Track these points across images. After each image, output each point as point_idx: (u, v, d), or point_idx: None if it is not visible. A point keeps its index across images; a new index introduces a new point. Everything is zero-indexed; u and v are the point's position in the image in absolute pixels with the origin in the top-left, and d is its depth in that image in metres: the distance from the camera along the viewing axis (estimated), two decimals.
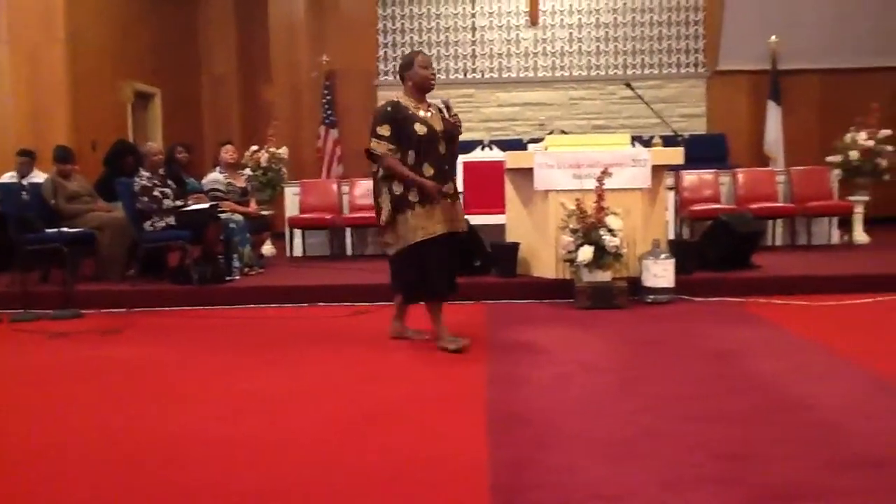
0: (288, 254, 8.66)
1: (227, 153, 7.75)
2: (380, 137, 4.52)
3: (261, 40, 11.74)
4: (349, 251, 8.89)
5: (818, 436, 2.98)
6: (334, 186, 9.16)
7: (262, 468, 2.78)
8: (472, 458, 2.82)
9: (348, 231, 8.89)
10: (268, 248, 8.68)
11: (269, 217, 8.61)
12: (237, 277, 6.91)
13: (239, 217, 7.22)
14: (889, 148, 8.62)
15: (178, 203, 6.86)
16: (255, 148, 8.94)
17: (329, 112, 11.49)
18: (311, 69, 11.65)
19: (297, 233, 8.78)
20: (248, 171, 8.65)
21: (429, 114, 4.61)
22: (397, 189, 4.50)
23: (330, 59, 11.50)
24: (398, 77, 4.75)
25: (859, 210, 8.85)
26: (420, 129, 4.51)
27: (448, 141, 4.64)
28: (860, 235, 8.86)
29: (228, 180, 7.61)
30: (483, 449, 2.89)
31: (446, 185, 4.58)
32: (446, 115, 4.64)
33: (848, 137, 8.77)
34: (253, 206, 7.87)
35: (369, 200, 8.79)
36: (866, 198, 8.89)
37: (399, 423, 3.27)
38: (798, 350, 4.44)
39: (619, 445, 2.91)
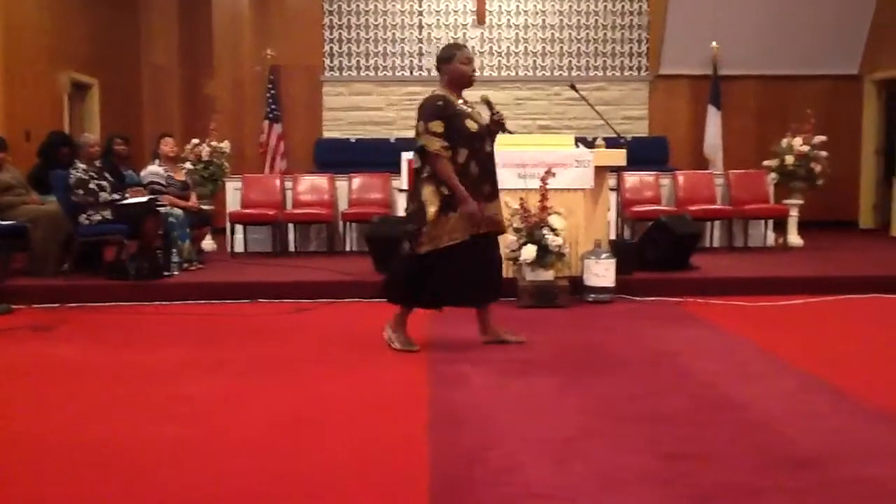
0: (229, 249, 8.52)
1: (167, 146, 7.59)
2: (433, 134, 4.27)
3: (204, 32, 11.52)
4: (292, 248, 8.79)
5: (754, 435, 3.04)
6: (277, 182, 9.04)
7: (192, 472, 2.72)
8: (411, 459, 2.81)
9: (291, 227, 8.79)
10: (208, 244, 8.53)
11: (210, 212, 8.45)
12: (176, 273, 6.77)
13: (178, 211, 7.08)
14: (823, 153, 8.87)
15: (115, 196, 6.70)
16: (196, 141, 8.77)
17: (273, 107, 11.33)
18: (255, 63, 11.48)
19: (239, 228, 8.64)
20: (188, 165, 8.49)
21: (471, 110, 4.48)
22: (445, 189, 4.27)
23: (274, 53, 11.35)
24: (436, 70, 4.53)
25: (794, 213, 9.09)
26: (471, 125, 4.36)
27: (491, 139, 4.54)
28: (794, 238, 9.09)
29: (168, 173, 7.45)
30: (423, 450, 2.88)
31: (488, 185, 4.46)
32: (490, 113, 4.51)
33: (784, 142, 8.99)
34: (193, 201, 7.72)
35: (313, 196, 8.81)
36: (801, 202, 9.12)
37: (338, 424, 3.24)
38: (734, 350, 4.53)
39: (559, 445, 2.93)
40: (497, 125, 4.50)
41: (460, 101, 4.45)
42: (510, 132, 4.68)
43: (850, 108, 11.98)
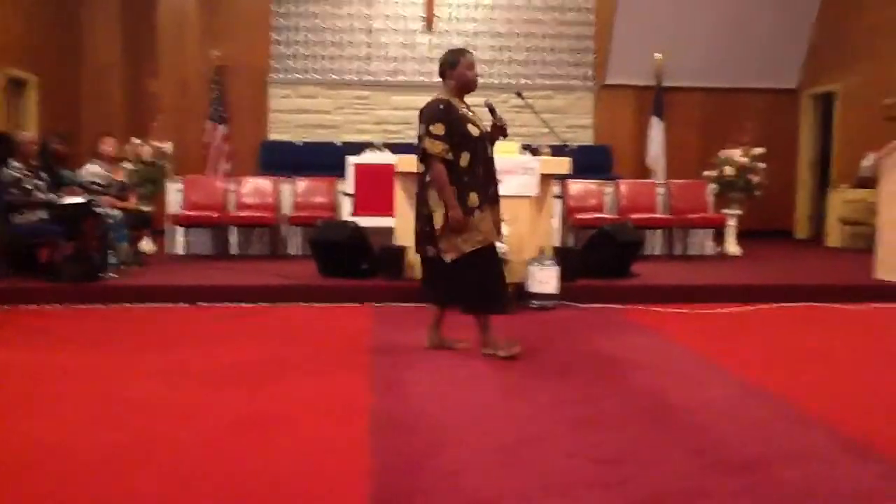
0: (169, 252, 8.37)
1: (107, 145, 7.43)
2: (435, 137, 4.27)
3: (148, 30, 11.32)
4: (234, 251, 8.67)
5: (693, 440, 3.09)
6: (221, 184, 8.92)
7: (127, 479, 2.65)
8: (353, 465, 2.78)
9: (234, 230, 8.67)
10: (147, 245, 8.37)
11: (150, 213, 8.29)
12: (113, 275, 6.62)
13: (117, 212, 6.93)
14: (761, 165, 9.10)
15: (52, 196, 6.52)
16: (137, 141, 8.61)
17: (218, 108, 11.19)
18: (201, 63, 11.32)
19: (180, 230, 8.50)
20: (128, 165, 8.32)
21: (473, 114, 4.48)
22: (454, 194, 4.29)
23: (220, 53, 11.21)
24: (439, 75, 4.53)
25: (732, 223, 9.30)
26: (473, 130, 4.37)
27: (491, 143, 4.53)
28: (733, 247, 9.30)
29: (108, 173, 7.30)
30: (365, 456, 2.85)
31: (493, 188, 4.46)
32: (492, 118, 4.52)
33: (724, 154, 9.20)
34: (133, 201, 7.57)
35: (257, 199, 8.70)
36: (739, 212, 9.34)
37: (278, 430, 3.19)
38: (674, 356, 4.60)
39: (501, 451, 2.93)
40: (499, 130, 4.54)
41: (463, 106, 4.47)
42: (506, 136, 4.71)
43: (787, 122, 12.34)
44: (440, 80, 4.63)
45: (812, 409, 3.50)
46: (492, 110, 4.57)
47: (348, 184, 8.39)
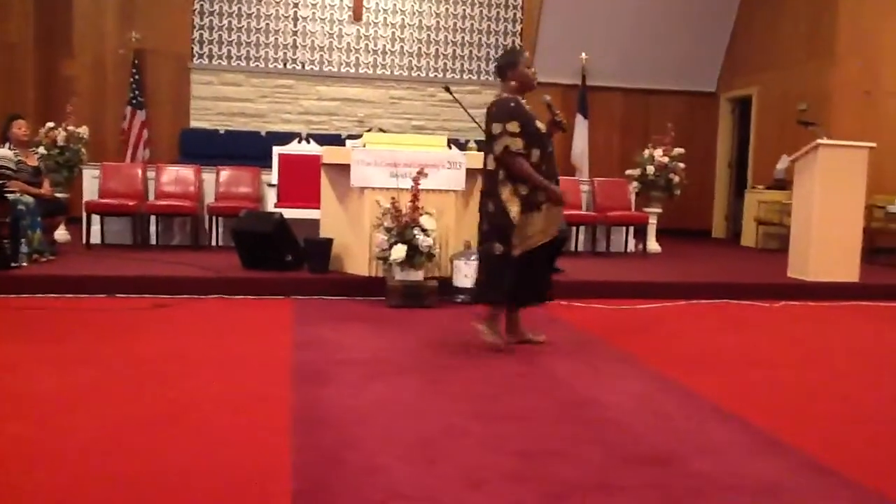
0: (84, 241, 8.08)
1: (19, 129, 7.13)
2: (512, 134, 4.35)
3: (63, 10, 10.90)
4: (153, 241, 8.44)
5: (610, 434, 3.15)
6: (139, 171, 8.65)
7: (33, 473, 2.55)
8: (273, 460, 2.74)
9: (153, 219, 8.43)
10: (61, 234, 8.07)
11: (65, 200, 8.00)
12: (24, 264, 6.36)
13: (29, 198, 6.65)
14: (681, 165, 9.33)
15: None
16: (51, 125, 8.27)
17: (137, 92, 10.87)
18: (119, 45, 10.96)
19: (96, 219, 8.22)
20: (42, 150, 8.00)
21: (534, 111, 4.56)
22: (523, 189, 4.38)
23: (140, 36, 10.87)
24: (498, 76, 4.62)
25: (653, 221, 9.52)
26: (541, 126, 4.49)
27: (550, 140, 4.59)
28: (653, 245, 9.53)
29: (19, 158, 7.00)
30: (286, 451, 2.81)
31: (555, 183, 4.54)
32: (552, 114, 4.58)
33: (646, 153, 9.40)
34: (46, 188, 7.28)
35: (178, 188, 8.47)
36: (659, 210, 9.57)
37: (195, 423, 3.12)
38: (591, 351, 4.68)
39: (420, 445, 2.93)
40: (556, 126, 4.61)
41: (527, 104, 4.54)
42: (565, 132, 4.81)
43: (706, 124, 12.71)
44: (367, 72, 4.64)
45: (724, 404, 3.60)
46: (550, 107, 4.67)
47: (274, 174, 8.26)
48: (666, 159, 9.29)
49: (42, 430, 2.98)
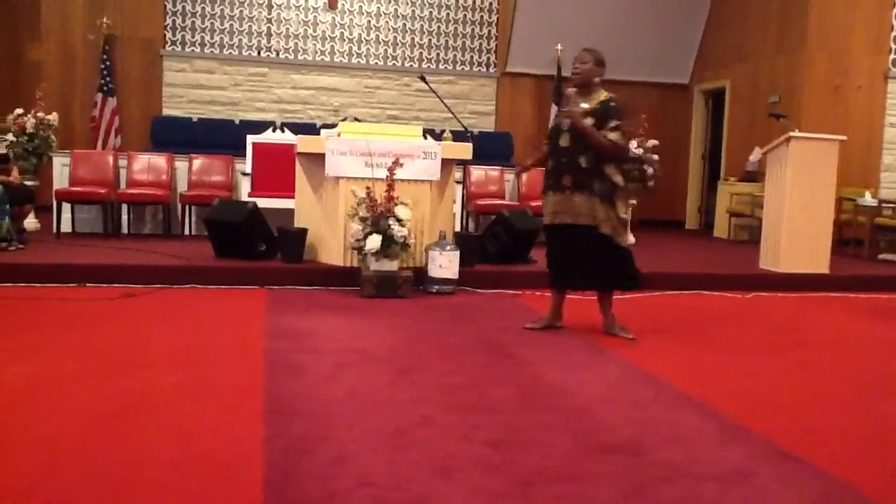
0: (55, 229, 7.97)
1: None
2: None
3: None
4: (125, 229, 8.35)
5: (579, 423, 3.18)
6: (110, 159, 8.54)
7: None
8: (245, 450, 2.73)
9: (124, 208, 8.34)
10: (31, 222, 7.95)
11: (34, 188, 7.88)
12: None
13: None
14: (655, 157, 9.37)
15: None
16: (19, 111, 8.14)
17: (107, 79, 10.72)
18: (89, 31, 10.79)
19: (66, 207, 8.10)
20: (10, 137, 7.87)
21: (573, 105, 4.76)
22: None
23: (110, 21, 10.72)
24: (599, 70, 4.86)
25: (628, 212, 9.55)
26: (557, 121, 4.92)
27: (571, 133, 4.70)
28: (628, 237, 9.55)
29: None
30: (258, 441, 2.80)
31: (559, 177, 4.75)
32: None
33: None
34: (14, 175, 7.18)
35: (150, 176, 8.37)
36: (633, 201, 9.60)
37: (165, 414, 3.09)
38: (562, 341, 4.70)
39: (391, 434, 2.94)
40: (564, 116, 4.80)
41: (573, 101, 4.80)
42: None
43: (679, 116, 12.78)
44: (342, 61, 4.76)
45: (693, 394, 3.64)
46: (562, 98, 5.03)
47: (248, 163, 8.20)
48: (640, 151, 9.32)
49: (7, 420, 2.94)
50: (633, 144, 9.31)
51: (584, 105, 4.70)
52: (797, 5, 10.42)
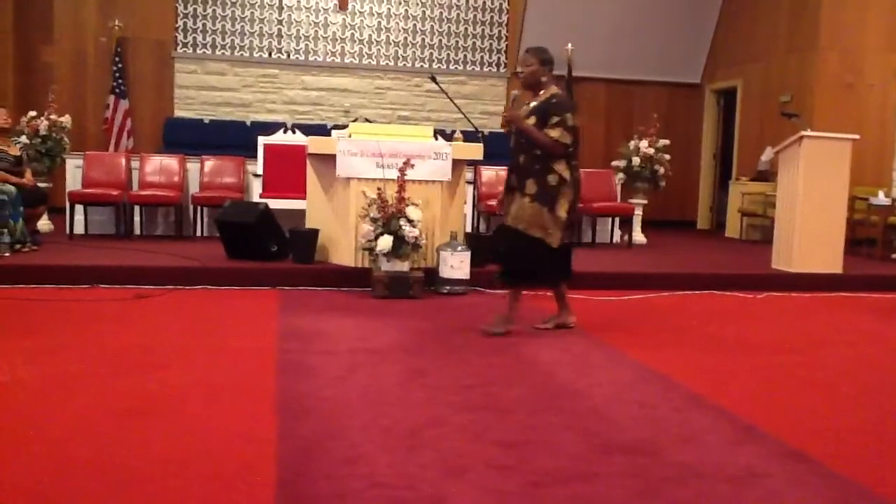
0: (68, 231, 8.02)
1: None
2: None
3: None
4: (137, 230, 8.39)
5: (591, 423, 3.17)
6: (122, 161, 8.59)
7: (8, 465, 2.54)
8: (258, 450, 2.74)
9: (137, 209, 8.38)
10: (44, 224, 8.01)
11: (47, 190, 7.93)
12: (6, 254, 6.32)
13: (10, 188, 6.60)
14: (666, 156, 9.35)
15: None
16: (33, 114, 8.20)
17: (119, 81, 10.77)
18: (100, 33, 10.85)
19: (79, 209, 8.16)
20: (23, 139, 7.93)
21: (526, 107, 4.80)
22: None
23: (122, 24, 10.77)
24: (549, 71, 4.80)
25: (639, 212, 9.54)
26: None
27: (517, 136, 4.73)
28: (638, 236, 9.55)
29: (0, 147, 6.93)
30: (271, 441, 2.81)
31: (512, 177, 4.76)
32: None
33: (631, 144, 9.41)
34: (28, 177, 7.22)
35: (162, 177, 8.41)
36: (645, 201, 9.60)
37: (179, 414, 3.11)
38: (574, 342, 4.69)
39: (403, 435, 2.94)
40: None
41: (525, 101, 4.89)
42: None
43: (691, 115, 12.73)
44: (352, 62, 4.82)
45: (705, 394, 3.63)
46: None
47: (259, 164, 8.22)
48: (651, 150, 9.31)
49: (21, 422, 2.96)
50: (644, 144, 9.30)
51: (534, 103, 4.74)
52: (809, 3, 10.37)
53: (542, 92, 4.76)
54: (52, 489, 2.39)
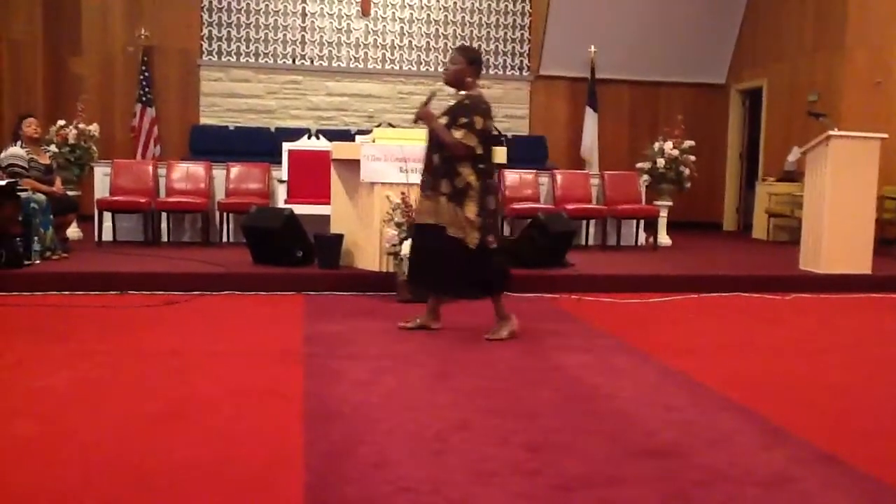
0: (96, 238, 8.13)
1: (30, 127, 7.16)
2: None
3: (70, 5, 10.90)
4: (165, 237, 8.48)
5: (618, 427, 3.15)
6: (150, 168, 8.69)
7: (41, 472, 2.58)
8: (285, 454, 2.75)
9: (164, 216, 8.47)
10: (73, 232, 8.12)
11: (76, 198, 8.04)
12: (37, 262, 6.40)
13: (41, 196, 6.68)
14: (691, 158, 9.29)
15: None
16: (62, 123, 8.32)
17: (146, 89, 10.90)
18: (127, 43, 10.99)
19: (108, 216, 8.26)
20: (53, 148, 8.05)
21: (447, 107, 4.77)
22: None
23: (148, 33, 10.90)
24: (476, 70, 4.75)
25: (664, 214, 9.49)
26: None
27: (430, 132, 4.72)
28: (664, 238, 9.50)
29: (31, 156, 7.04)
30: (298, 446, 2.83)
31: (423, 175, 4.74)
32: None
33: (656, 146, 9.36)
34: (58, 186, 7.32)
35: (188, 184, 8.50)
36: (670, 203, 9.54)
37: (207, 419, 3.14)
38: (601, 345, 4.68)
39: (429, 439, 2.95)
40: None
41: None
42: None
43: (716, 116, 12.65)
44: (375, 67, 4.86)
45: (733, 396, 3.60)
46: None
47: (284, 170, 8.28)
48: (676, 152, 9.25)
49: (51, 427, 3.00)
50: (669, 145, 9.25)
51: (451, 104, 4.73)
52: (835, 1, 10.26)
53: (462, 93, 4.72)
54: (83, 494, 2.42)
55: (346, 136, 9.80)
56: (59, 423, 3.05)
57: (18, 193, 6.41)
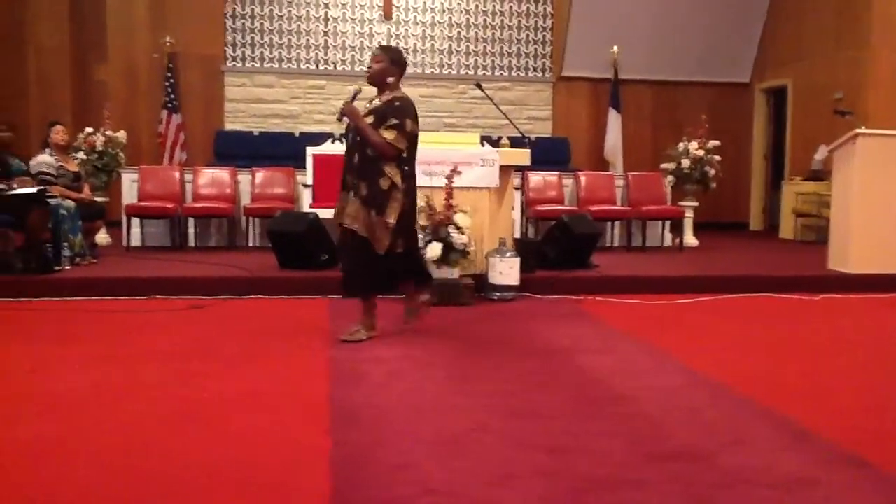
0: (124, 243, 8.23)
1: (58, 134, 7.27)
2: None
3: (96, 13, 11.02)
4: (191, 242, 8.56)
5: (639, 429, 3.14)
6: (176, 174, 8.79)
7: (64, 473, 2.62)
8: (308, 458, 2.78)
9: (191, 221, 8.56)
10: (102, 237, 8.23)
11: (104, 204, 8.15)
12: (66, 267, 6.50)
13: (70, 203, 6.79)
14: (716, 158, 9.23)
15: (1, 186, 6.37)
16: (90, 130, 8.44)
17: (172, 96, 11.02)
18: (152, 50, 11.11)
19: (135, 221, 8.37)
20: (80, 155, 8.16)
21: (369, 105, 4.76)
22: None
23: (173, 40, 11.02)
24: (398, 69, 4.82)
25: (689, 215, 9.43)
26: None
27: (355, 134, 4.66)
28: (690, 239, 9.43)
29: (59, 163, 7.15)
30: (320, 449, 2.85)
31: (347, 176, 4.65)
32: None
33: (681, 146, 9.31)
34: (86, 192, 7.43)
35: (214, 189, 8.59)
36: (695, 203, 9.48)
37: (231, 423, 3.17)
38: (624, 347, 4.66)
39: (451, 441, 2.96)
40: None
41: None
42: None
43: (741, 115, 12.54)
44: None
45: (757, 398, 3.57)
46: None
47: (308, 174, 8.33)
48: (701, 152, 9.20)
49: (68, 429, 3.04)
50: (693, 146, 9.19)
51: (377, 102, 4.70)
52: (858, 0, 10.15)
53: (386, 93, 4.70)
54: (98, 494, 2.45)
55: None
56: (77, 426, 3.09)
57: (48, 200, 6.52)
